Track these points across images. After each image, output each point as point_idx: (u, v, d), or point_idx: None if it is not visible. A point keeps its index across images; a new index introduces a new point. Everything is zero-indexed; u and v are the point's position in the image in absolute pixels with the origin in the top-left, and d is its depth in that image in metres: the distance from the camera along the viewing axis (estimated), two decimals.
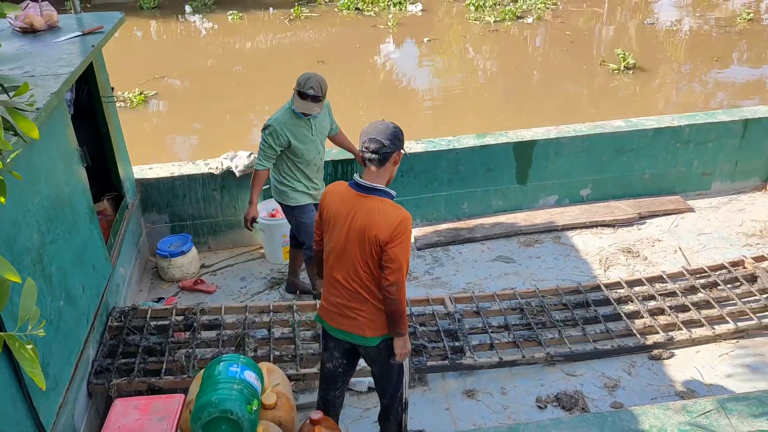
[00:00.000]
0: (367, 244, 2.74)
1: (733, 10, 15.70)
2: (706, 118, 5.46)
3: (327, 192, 2.94)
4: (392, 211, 2.74)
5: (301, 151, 4.14)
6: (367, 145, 2.74)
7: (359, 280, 2.84)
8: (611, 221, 5.36)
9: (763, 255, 4.72)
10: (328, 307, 2.98)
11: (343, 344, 3.02)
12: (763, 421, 2.75)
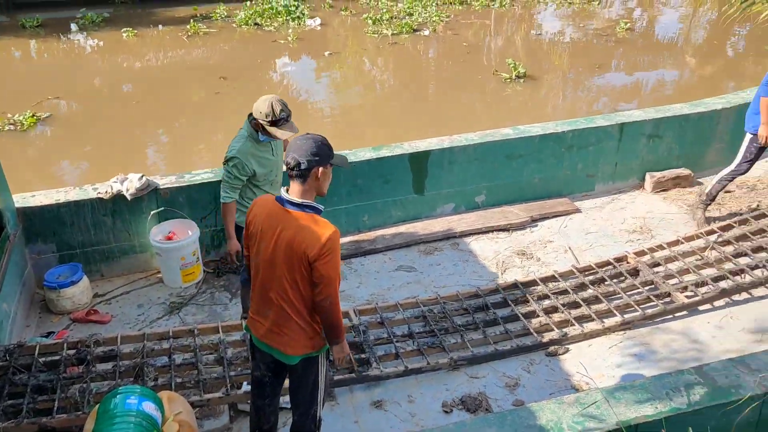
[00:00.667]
0: (296, 261, 2.73)
1: (609, 19, 16.76)
2: (586, 124, 5.80)
3: (255, 204, 2.91)
4: (320, 227, 2.72)
5: (265, 175, 4.08)
6: (287, 161, 2.73)
7: (286, 297, 2.82)
8: (505, 225, 5.57)
9: (643, 250, 5.05)
10: (255, 318, 2.98)
11: (269, 357, 3.01)
12: (648, 407, 2.93)
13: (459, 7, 17.13)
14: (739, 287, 4.62)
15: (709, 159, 6.23)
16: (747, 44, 15.07)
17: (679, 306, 4.50)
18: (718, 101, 6.17)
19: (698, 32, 16.83)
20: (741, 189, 5.95)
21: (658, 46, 15.04)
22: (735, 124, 6.12)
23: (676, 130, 5.96)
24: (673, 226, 5.53)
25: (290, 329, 2.88)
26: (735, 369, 3.17)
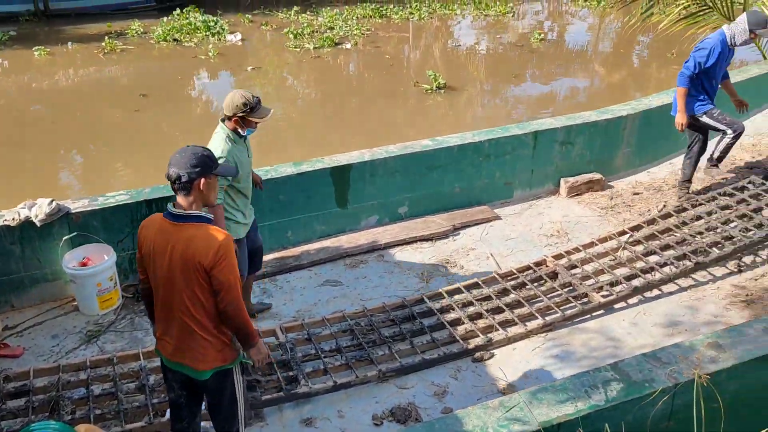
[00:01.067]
0: (192, 273, 2.71)
1: (523, 30, 17.33)
2: (502, 133, 5.96)
3: (143, 226, 2.87)
4: (211, 235, 2.72)
5: (243, 177, 4.09)
6: (168, 174, 2.71)
7: (188, 312, 2.79)
8: (429, 235, 5.65)
9: (561, 253, 5.23)
10: (162, 338, 2.93)
11: (180, 376, 2.95)
12: (568, 406, 3.03)
13: (379, 21, 17.33)
14: (650, 284, 4.85)
15: (617, 163, 6.53)
16: (650, 52, 15.91)
17: (596, 305, 4.68)
18: (623, 108, 6.47)
19: (606, 42, 17.65)
20: (648, 191, 6.25)
21: (570, 56, 15.67)
22: (640, 129, 6.45)
23: (586, 136, 6.22)
24: (587, 228, 5.75)
25: (197, 344, 2.84)
26: (647, 363, 3.31)
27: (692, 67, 5.48)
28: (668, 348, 3.46)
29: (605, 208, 6.01)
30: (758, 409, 3.52)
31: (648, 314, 4.70)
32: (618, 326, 4.59)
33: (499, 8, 18.71)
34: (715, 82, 5.64)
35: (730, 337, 3.49)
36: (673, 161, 6.74)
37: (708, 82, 5.59)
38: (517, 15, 19.02)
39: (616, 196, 6.19)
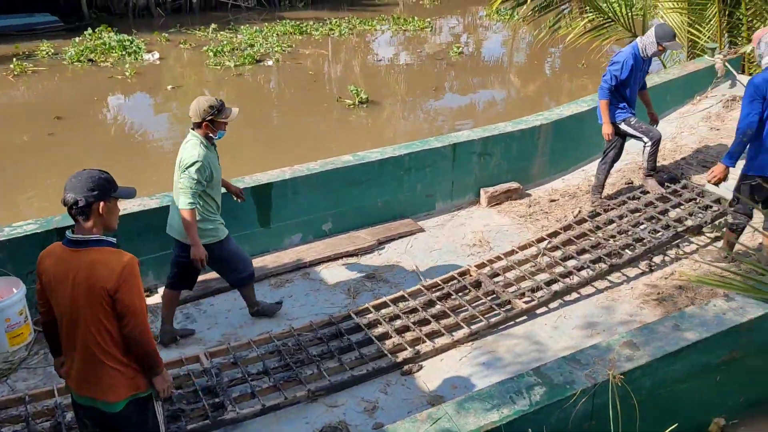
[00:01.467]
0: (96, 299, 2.62)
1: (440, 44, 17.69)
2: (421, 146, 6.05)
3: (42, 256, 2.76)
4: (113, 257, 2.65)
5: (217, 180, 4.30)
6: (65, 200, 2.64)
7: (94, 341, 2.68)
8: (354, 251, 5.65)
9: (483, 262, 5.34)
10: (70, 372, 2.80)
11: (92, 411, 2.82)
12: (494, 413, 3.08)
13: (299, 37, 17.32)
14: (569, 288, 5.02)
15: (534, 171, 6.74)
16: (562, 63, 16.56)
17: (519, 312, 4.80)
18: (536, 118, 6.69)
19: (520, 54, 18.26)
20: (564, 197, 6.48)
21: (486, 68, 16.12)
22: (554, 138, 6.69)
23: (502, 147, 6.39)
24: (508, 236, 5.89)
25: (107, 374, 2.74)
26: (568, 366, 3.41)
27: (609, 80, 5.77)
28: (586, 349, 3.58)
29: (524, 216, 6.18)
30: (672, 403, 3.69)
31: (568, 317, 4.85)
32: (541, 330, 4.71)
33: (418, 23, 19.05)
34: (631, 91, 5.90)
35: (643, 335, 3.64)
36: (586, 168, 7.01)
37: (625, 91, 5.87)
38: (435, 30, 19.42)
39: (534, 204, 6.38)
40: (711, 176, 4.92)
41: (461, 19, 22.32)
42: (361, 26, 18.72)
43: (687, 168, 6.60)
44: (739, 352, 3.79)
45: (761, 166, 4.71)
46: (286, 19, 18.79)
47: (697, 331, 3.63)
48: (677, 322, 3.73)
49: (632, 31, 8.20)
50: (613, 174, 6.72)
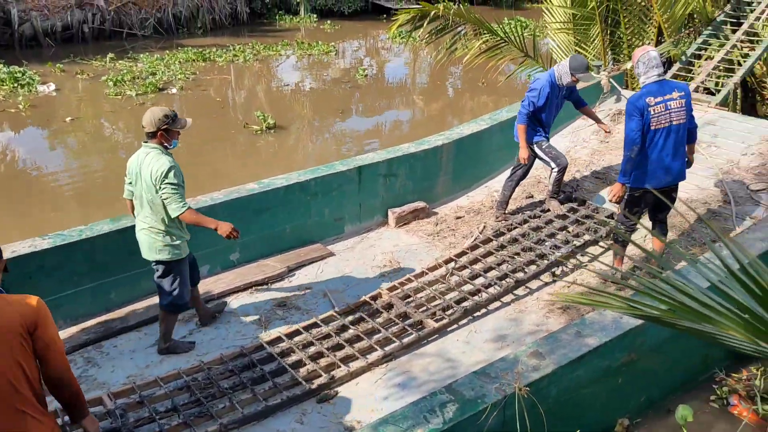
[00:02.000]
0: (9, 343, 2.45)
1: (344, 68, 17.85)
2: (327, 170, 6.06)
3: None
4: (14, 298, 2.52)
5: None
6: None
7: (15, 392, 2.48)
8: (264, 279, 5.56)
9: (395, 285, 5.39)
10: None
11: None
12: None
13: (203, 64, 17.03)
14: (478, 305, 5.13)
15: (439, 190, 6.88)
16: (463, 82, 17.06)
17: (431, 331, 4.85)
18: (438, 138, 6.85)
19: (422, 75, 18.67)
20: (469, 213, 6.65)
21: (391, 90, 16.38)
22: (456, 157, 6.86)
23: (407, 167, 6.50)
24: (417, 255, 5.97)
25: (31, 428, 2.53)
26: (478, 381, 3.48)
27: (527, 106, 5.94)
28: (496, 362, 3.66)
29: (432, 235, 6.29)
30: (578, 408, 3.83)
31: (479, 332, 4.95)
32: (453, 347, 4.79)
33: (322, 47, 19.16)
34: (547, 116, 6.08)
35: (548, 344, 3.77)
36: (488, 184, 7.23)
37: (542, 116, 6.05)
38: (339, 53, 19.58)
39: (441, 222, 6.51)
40: (611, 195, 5.18)
41: (363, 42, 22.64)
42: (266, 52, 18.63)
43: (582, 180, 6.91)
44: (636, 353, 3.98)
45: (637, 179, 5.01)
46: (187, 47, 18.43)
47: (597, 337, 3.79)
48: (579, 329, 3.88)
49: (524, 51, 8.57)
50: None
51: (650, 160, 4.93)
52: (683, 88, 4.94)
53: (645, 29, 8.92)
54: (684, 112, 4.87)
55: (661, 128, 4.85)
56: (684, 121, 4.88)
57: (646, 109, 4.81)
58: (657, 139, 4.87)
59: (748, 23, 8.13)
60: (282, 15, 24.01)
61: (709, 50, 8.32)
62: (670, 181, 5.01)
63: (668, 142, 4.88)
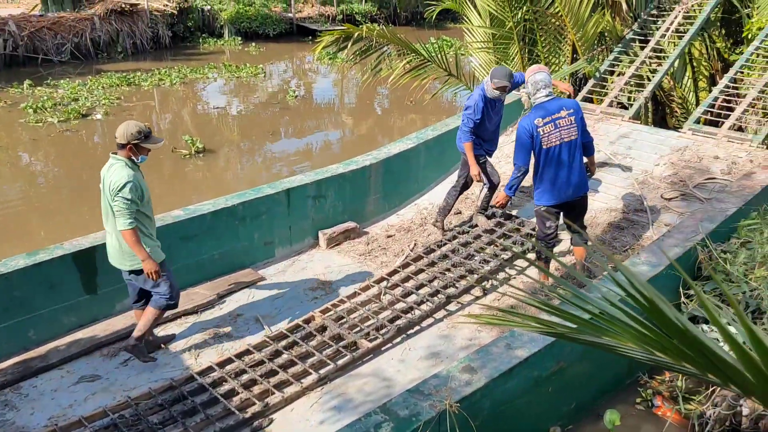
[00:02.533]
0: None
1: (274, 89, 17.78)
2: (255, 194, 5.99)
3: None
4: None
5: (148, 199, 4.51)
6: None
7: None
8: (193, 308, 5.43)
9: (327, 307, 5.35)
10: None
11: None
12: None
13: (128, 89, 16.59)
14: (411, 323, 5.16)
15: (369, 210, 6.90)
16: (390, 101, 17.26)
17: (365, 351, 4.84)
18: (366, 158, 6.89)
19: (351, 95, 18.78)
20: (400, 232, 6.70)
21: (320, 111, 16.39)
22: (384, 176, 6.91)
23: (336, 188, 6.50)
24: (350, 276, 5.97)
25: None
26: (412, 399, 3.50)
27: (467, 124, 6.00)
28: (429, 379, 3.69)
29: (363, 254, 6.30)
30: (511, 419, 3.90)
31: (413, 349, 4.97)
32: (388, 366, 4.79)
33: (251, 70, 19.03)
34: (485, 129, 6.13)
35: (479, 358, 3.83)
36: (417, 202, 7.31)
37: (479, 130, 6.09)
38: (267, 75, 19.48)
39: (372, 242, 6.53)
40: (495, 201, 5.46)
41: (290, 64, 22.61)
42: (192, 75, 18.35)
43: None
44: (565, 362, 4.09)
45: (540, 197, 5.27)
46: (108, 72, 17.94)
47: (526, 348, 3.88)
48: (509, 342, 3.96)
49: (448, 70, 8.76)
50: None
51: (549, 177, 5.16)
52: (572, 105, 5.16)
53: (560, 47, 9.29)
54: (575, 129, 5.09)
55: (553, 146, 5.07)
56: (575, 137, 5.10)
57: (535, 131, 5.05)
58: (551, 157, 5.10)
59: (655, 40, 8.58)
60: (206, 38, 23.70)
61: (620, 66, 8.73)
62: (572, 195, 5.22)
63: (562, 159, 5.10)
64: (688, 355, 1.30)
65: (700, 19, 8.32)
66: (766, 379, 1.16)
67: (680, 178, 6.60)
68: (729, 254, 4.95)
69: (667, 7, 8.93)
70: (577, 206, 5.34)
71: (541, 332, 1.73)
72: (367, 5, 28.94)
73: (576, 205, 5.31)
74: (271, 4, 26.89)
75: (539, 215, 5.37)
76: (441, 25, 28.05)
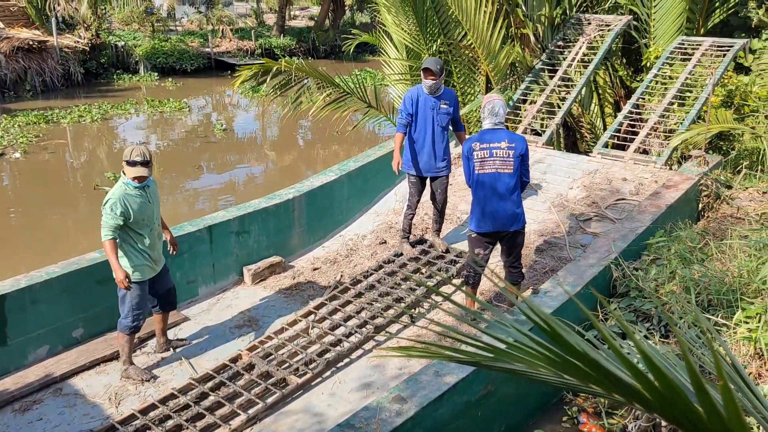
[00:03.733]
0: None
1: (195, 125, 17.53)
2: (175, 232, 5.80)
3: None
4: None
5: (143, 219, 4.73)
6: None
7: None
8: (112, 354, 5.20)
9: (255, 344, 5.26)
10: None
11: None
12: None
13: (46, 126, 15.98)
14: (340, 356, 5.12)
15: (294, 243, 6.85)
16: (313, 134, 17.32)
17: (295, 387, 4.77)
18: (289, 191, 6.86)
19: (273, 128, 18.73)
20: (326, 264, 6.67)
21: (242, 145, 16.27)
22: (308, 209, 6.90)
23: (259, 223, 6.43)
24: (276, 311, 5.89)
25: None
26: None
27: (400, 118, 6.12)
28: (359, 412, 3.67)
29: (290, 288, 6.24)
30: None
31: (343, 382, 4.94)
32: (318, 401, 4.73)
33: (174, 104, 18.75)
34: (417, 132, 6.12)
35: (409, 387, 3.84)
36: (342, 233, 7.31)
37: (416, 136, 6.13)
38: (189, 110, 19.19)
39: (298, 275, 6.47)
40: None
41: (210, 99, 22.38)
42: (114, 111, 17.91)
43: (427, 219, 7.17)
44: (492, 385, 4.16)
45: (471, 221, 5.28)
46: (21, 110, 17.22)
47: (454, 374, 3.92)
48: (437, 369, 3.99)
49: (367, 102, 8.88)
50: (367, 236, 7.12)
51: (479, 204, 5.14)
52: (516, 139, 5.08)
53: (475, 78, 9.60)
54: (512, 162, 5.01)
55: (487, 173, 5.05)
56: (511, 171, 5.03)
57: (471, 153, 5.10)
58: (483, 183, 5.08)
59: (562, 70, 9.01)
60: (120, 74, 23.18)
61: (532, 95, 9.10)
62: (501, 227, 5.11)
63: (496, 188, 5.04)
64: (592, 376, 1.36)
65: (603, 49, 8.81)
66: (663, 396, 1.23)
67: (593, 200, 6.91)
68: (640, 271, 5.19)
69: (572, 39, 9.40)
70: (506, 240, 5.21)
71: (458, 362, 1.77)
72: (285, 39, 29.09)
73: (505, 237, 5.19)
74: (188, 39, 26.65)
75: (470, 240, 5.33)
76: (360, 58, 28.48)
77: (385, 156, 7.80)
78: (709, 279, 4.78)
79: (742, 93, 8.42)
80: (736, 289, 4.60)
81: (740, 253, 5.04)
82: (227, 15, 32.16)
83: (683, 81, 8.18)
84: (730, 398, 1.19)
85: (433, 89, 6.02)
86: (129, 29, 27.03)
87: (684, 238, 5.47)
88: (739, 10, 9.53)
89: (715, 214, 6.58)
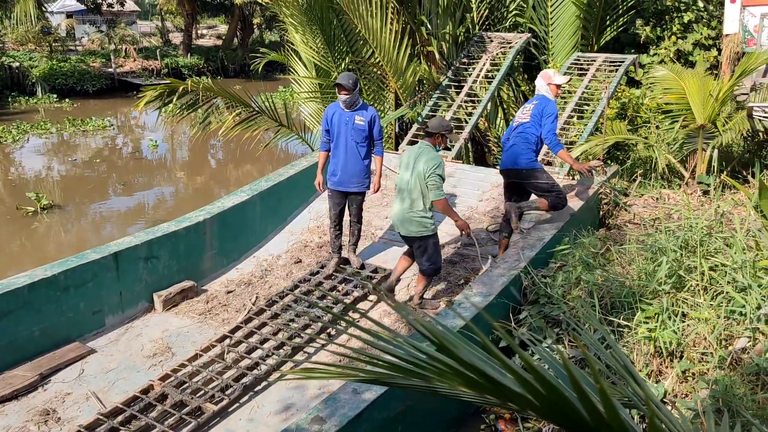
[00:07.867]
0: None
1: (96, 148, 16.88)
2: (78, 261, 5.57)
3: None
4: None
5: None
6: None
7: None
8: (11, 393, 4.87)
9: (167, 373, 5.07)
10: None
11: None
12: None
13: None
14: (258, 379, 5.02)
15: (206, 266, 6.67)
16: (224, 154, 17.03)
17: (211, 415, 4.63)
18: (200, 214, 6.68)
19: (183, 149, 18.29)
20: (240, 286, 6.54)
21: (151, 167, 15.79)
22: (220, 231, 6.75)
23: (169, 247, 6.22)
24: (190, 337, 5.71)
25: None
26: None
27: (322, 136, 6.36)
28: None
29: (203, 313, 6.07)
30: None
31: (262, 406, 4.84)
32: (237, 427, 4.61)
33: (96, 123, 18.13)
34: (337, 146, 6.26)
35: (328, 407, 3.81)
36: (256, 254, 7.18)
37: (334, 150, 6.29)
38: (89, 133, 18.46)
39: (211, 299, 6.31)
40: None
41: (115, 120, 21.61)
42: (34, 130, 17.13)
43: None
44: (410, 400, 4.18)
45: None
46: None
47: (373, 391, 3.92)
48: (356, 387, 3.98)
49: (278, 121, 8.82)
50: (281, 256, 7.04)
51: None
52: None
53: (384, 95, 9.74)
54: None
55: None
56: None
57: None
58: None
59: (468, 86, 9.28)
60: (15, 96, 22.04)
61: (440, 111, 9.31)
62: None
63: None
64: (485, 387, 1.40)
65: (505, 65, 9.15)
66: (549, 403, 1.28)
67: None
68: (548, 278, 5.38)
69: (476, 56, 9.71)
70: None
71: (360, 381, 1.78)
72: (193, 58, 28.54)
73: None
74: (89, 59, 25.70)
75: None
76: (270, 77, 28.31)
77: (297, 174, 7.76)
78: (611, 283, 5.01)
79: (635, 105, 8.95)
80: (635, 291, 4.84)
81: (638, 257, 5.32)
82: (130, 34, 31.25)
83: (580, 95, 8.60)
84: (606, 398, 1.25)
85: (348, 104, 6.08)
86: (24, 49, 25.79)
87: (587, 245, 5.71)
88: (629, 27, 10.16)
89: (615, 220, 6.93)
